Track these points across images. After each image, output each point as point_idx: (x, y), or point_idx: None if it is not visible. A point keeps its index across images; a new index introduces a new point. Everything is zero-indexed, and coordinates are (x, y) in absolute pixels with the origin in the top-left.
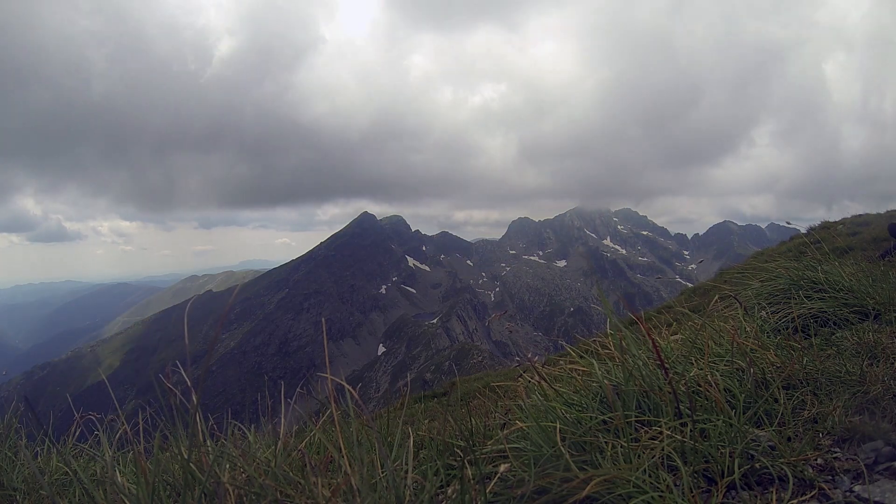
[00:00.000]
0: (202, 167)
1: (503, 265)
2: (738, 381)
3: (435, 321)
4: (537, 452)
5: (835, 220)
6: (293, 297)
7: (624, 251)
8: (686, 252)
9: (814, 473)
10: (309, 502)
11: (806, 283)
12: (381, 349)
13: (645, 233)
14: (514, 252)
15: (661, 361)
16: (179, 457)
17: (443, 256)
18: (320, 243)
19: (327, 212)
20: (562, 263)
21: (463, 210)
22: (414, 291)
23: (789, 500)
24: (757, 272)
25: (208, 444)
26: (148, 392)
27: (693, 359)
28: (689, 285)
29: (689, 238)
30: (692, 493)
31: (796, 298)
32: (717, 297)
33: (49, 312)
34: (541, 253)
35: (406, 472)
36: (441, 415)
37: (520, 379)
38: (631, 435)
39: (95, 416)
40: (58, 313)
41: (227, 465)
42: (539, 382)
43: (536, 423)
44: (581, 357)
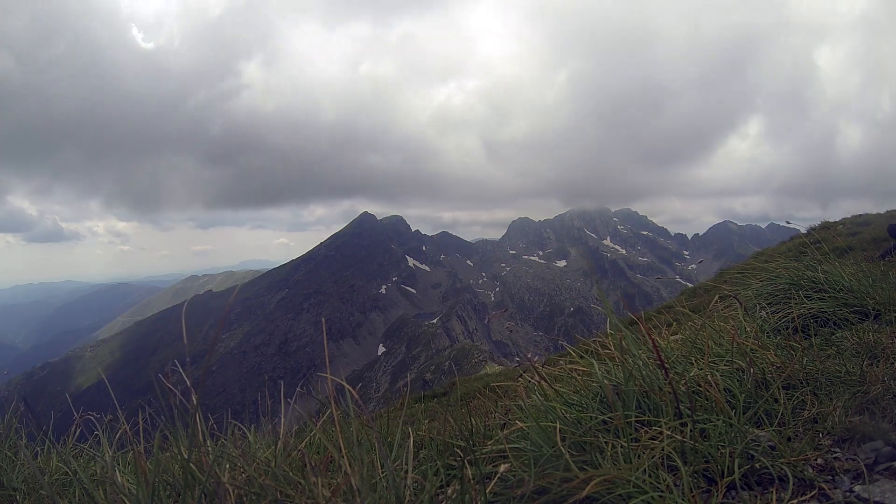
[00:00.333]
0: (178, 169)
1: (503, 265)
2: (738, 381)
3: (435, 321)
4: (537, 452)
5: (835, 220)
6: (293, 297)
7: (624, 251)
8: (686, 252)
9: (814, 473)
10: (309, 502)
11: (806, 283)
12: (381, 349)
13: (645, 233)
14: (514, 252)
15: (661, 361)
16: (179, 457)
17: (443, 256)
18: (320, 243)
19: (313, 212)
20: (562, 263)
21: (451, 211)
22: (414, 291)
23: (789, 500)
24: (757, 272)
25: (208, 444)
26: (148, 392)
27: (693, 359)
28: (689, 285)
29: (689, 238)
30: (692, 493)
31: (796, 298)
32: (717, 297)
33: (49, 312)
34: (541, 253)
35: (406, 472)
36: (441, 415)
37: (520, 379)
38: (631, 435)
39: (95, 416)
40: (58, 313)
41: (227, 465)
42: (539, 382)
43: (536, 423)
44: (581, 357)
